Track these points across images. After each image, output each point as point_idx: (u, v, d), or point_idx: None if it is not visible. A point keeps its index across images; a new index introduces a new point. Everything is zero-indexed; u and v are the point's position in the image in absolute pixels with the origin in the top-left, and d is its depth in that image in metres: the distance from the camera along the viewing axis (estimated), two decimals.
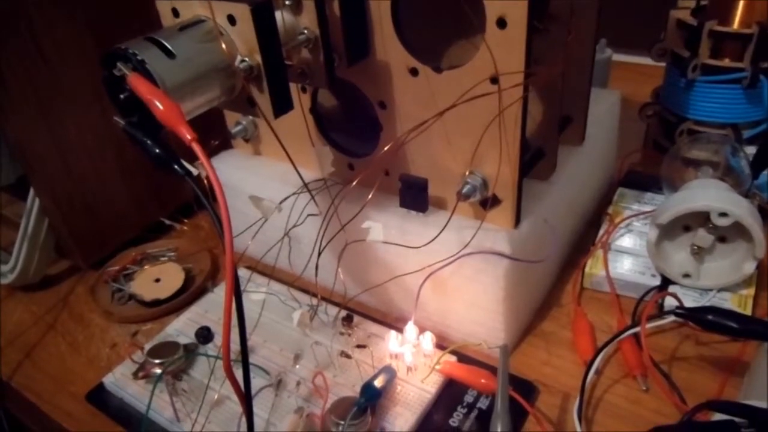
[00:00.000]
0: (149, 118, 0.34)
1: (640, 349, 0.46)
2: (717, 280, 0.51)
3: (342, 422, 0.41)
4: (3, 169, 0.61)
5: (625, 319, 0.51)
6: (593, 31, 0.53)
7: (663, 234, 0.51)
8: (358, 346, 0.50)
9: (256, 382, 0.47)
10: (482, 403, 0.45)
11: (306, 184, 0.50)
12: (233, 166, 0.59)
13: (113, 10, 0.58)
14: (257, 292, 0.53)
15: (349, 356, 0.49)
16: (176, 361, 0.48)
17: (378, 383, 0.44)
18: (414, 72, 0.44)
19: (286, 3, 0.40)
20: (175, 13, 0.41)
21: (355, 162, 0.52)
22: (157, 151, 0.35)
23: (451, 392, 0.46)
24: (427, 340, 0.47)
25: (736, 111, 0.64)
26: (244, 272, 0.58)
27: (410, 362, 0.47)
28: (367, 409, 0.42)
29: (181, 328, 0.54)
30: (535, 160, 0.51)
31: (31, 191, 0.59)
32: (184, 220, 0.66)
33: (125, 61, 0.35)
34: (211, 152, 0.59)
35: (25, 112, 0.55)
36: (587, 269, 0.55)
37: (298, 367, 0.49)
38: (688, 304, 0.49)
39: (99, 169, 0.62)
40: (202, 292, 0.59)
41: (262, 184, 0.55)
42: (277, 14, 0.39)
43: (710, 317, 0.41)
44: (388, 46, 0.44)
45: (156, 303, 0.58)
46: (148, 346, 0.50)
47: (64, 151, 0.58)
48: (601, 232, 0.58)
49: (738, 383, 0.44)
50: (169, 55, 0.36)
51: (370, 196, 0.46)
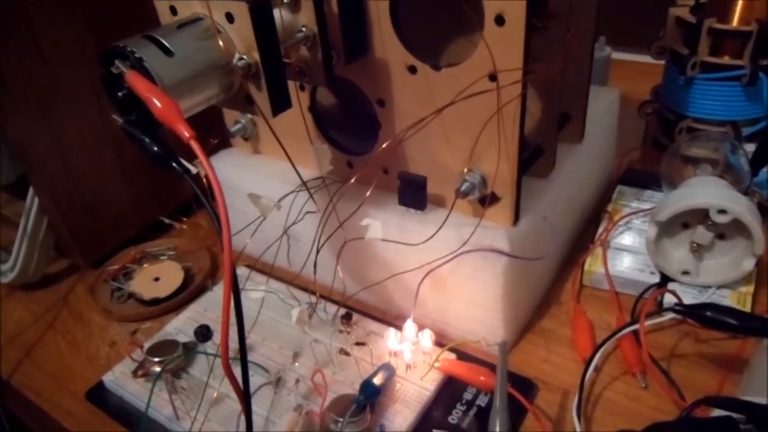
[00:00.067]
0: (147, 116, 0.34)
1: (639, 346, 0.46)
2: (716, 277, 0.51)
3: (341, 420, 0.41)
4: (2, 169, 0.61)
5: (624, 317, 0.51)
6: (592, 28, 0.53)
7: (662, 231, 0.51)
8: (357, 344, 0.50)
9: (256, 380, 0.47)
10: (481, 401, 0.45)
11: (304, 183, 0.50)
12: (232, 165, 0.59)
13: (113, 10, 0.58)
14: (256, 291, 0.54)
15: (348, 354, 0.49)
16: (175, 359, 0.48)
17: (377, 381, 0.44)
18: (412, 70, 0.44)
19: (285, 1, 0.40)
20: (173, 11, 0.41)
21: (354, 160, 0.52)
22: (156, 149, 0.35)
23: (450, 389, 0.46)
24: (426, 338, 0.47)
25: (736, 108, 0.64)
26: (243, 271, 0.58)
27: (409, 360, 0.47)
28: (366, 406, 0.42)
29: (180, 327, 0.54)
30: (534, 158, 0.51)
31: (31, 190, 0.59)
32: (184, 219, 0.66)
33: (123, 59, 0.35)
34: (211, 151, 0.59)
35: (25, 112, 0.55)
36: (586, 267, 0.55)
37: (297, 364, 0.49)
38: (688, 301, 0.48)
39: (98, 168, 0.62)
40: (201, 291, 0.59)
41: (261, 182, 0.55)
42: (276, 12, 0.39)
43: (709, 314, 0.41)
44: (387, 44, 0.44)
45: (155, 302, 0.58)
46: (147, 345, 0.50)
47: (64, 150, 0.59)
48: (601, 230, 0.58)
49: (737, 380, 0.44)
50: (167, 52, 0.36)
51: (368, 193, 0.46)
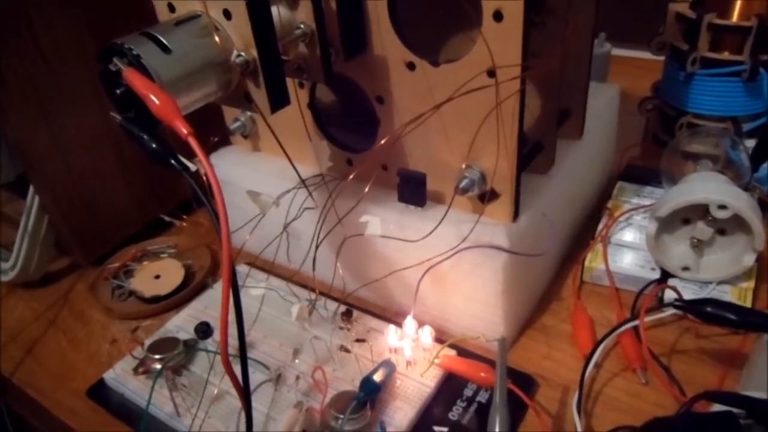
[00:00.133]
0: (146, 113, 0.34)
1: (639, 342, 0.46)
2: (716, 272, 0.51)
3: (341, 416, 0.41)
4: (3, 167, 0.61)
5: (625, 313, 0.51)
6: (591, 24, 0.53)
7: (662, 227, 0.51)
8: (358, 341, 0.50)
9: (256, 377, 0.47)
10: (482, 397, 0.45)
11: (303, 180, 0.50)
12: (232, 163, 0.59)
13: (113, 10, 0.58)
14: (257, 288, 0.54)
15: (348, 351, 0.49)
16: (176, 356, 0.48)
17: (377, 377, 0.44)
18: (411, 66, 0.44)
19: None
20: (171, 8, 0.41)
21: (353, 157, 0.52)
22: (154, 146, 0.35)
23: (450, 386, 0.46)
24: (426, 335, 0.47)
25: (736, 104, 0.64)
26: (243, 268, 0.58)
27: (409, 356, 0.47)
28: (367, 403, 0.42)
29: (181, 324, 0.54)
30: (534, 154, 0.51)
31: (31, 189, 0.59)
32: (184, 217, 0.66)
33: (121, 56, 0.35)
34: (211, 149, 0.59)
35: (25, 112, 0.55)
36: (587, 263, 0.55)
37: (297, 361, 0.49)
38: (688, 297, 0.49)
39: (98, 167, 0.62)
40: (201, 288, 0.59)
41: (261, 180, 0.55)
42: (273, 9, 0.39)
43: (709, 309, 0.41)
44: (386, 41, 0.44)
45: (156, 299, 0.58)
46: (148, 342, 0.50)
47: (64, 150, 0.59)
48: (601, 226, 0.58)
49: (738, 376, 0.44)
50: (165, 49, 0.36)
51: (367, 189, 0.46)
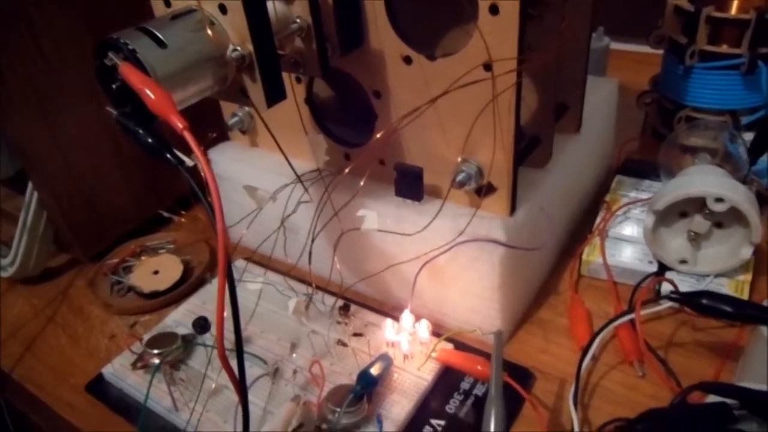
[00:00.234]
0: (141, 108, 0.34)
1: (636, 335, 0.46)
2: (714, 265, 0.51)
3: (338, 410, 0.41)
4: (2, 164, 0.61)
5: (622, 306, 0.51)
6: (588, 17, 0.53)
7: (660, 220, 0.51)
8: (355, 335, 0.50)
9: (253, 371, 0.47)
10: (479, 390, 0.45)
11: (299, 176, 0.50)
12: (229, 158, 0.59)
13: (113, 10, 0.58)
14: (254, 282, 0.54)
15: (345, 345, 0.49)
16: (174, 351, 0.49)
17: (374, 371, 0.44)
18: (408, 60, 0.44)
19: None
20: (167, 3, 0.41)
21: (351, 152, 0.52)
22: (150, 141, 0.35)
23: (447, 379, 0.46)
24: (423, 328, 0.47)
25: (734, 97, 0.64)
26: (240, 263, 0.58)
27: (407, 350, 0.47)
28: (364, 396, 0.43)
29: (179, 319, 0.54)
30: (531, 148, 0.51)
31: (30, 185, 0.59)
32: (182, 212, 0.66)
33: (116, 51, 0.35)
34: (209, 145, 0.59)
35: (25, 111, 0.55)
36: (584, 256, 0.55)
37: (294, 356, 0.49)
38: (685, 290, 0.49)
39: (97, 164, 0.62)
40: (200, 284, 0.59)
41: (259, 175, 0.55)
42: (269, 3, 0.39)
43: (704, 301, 0.41)
44: (382, 35, 0.44)
45: (154, 295, 0.58)
46: (146, 337, 0.50)
47: (63, 148, 0.59)
48: (599, 220, 0.58)
49: (734, 368, 0.44)
50: (161, 44, 0.36)
51: (362, 183, 0.46)
